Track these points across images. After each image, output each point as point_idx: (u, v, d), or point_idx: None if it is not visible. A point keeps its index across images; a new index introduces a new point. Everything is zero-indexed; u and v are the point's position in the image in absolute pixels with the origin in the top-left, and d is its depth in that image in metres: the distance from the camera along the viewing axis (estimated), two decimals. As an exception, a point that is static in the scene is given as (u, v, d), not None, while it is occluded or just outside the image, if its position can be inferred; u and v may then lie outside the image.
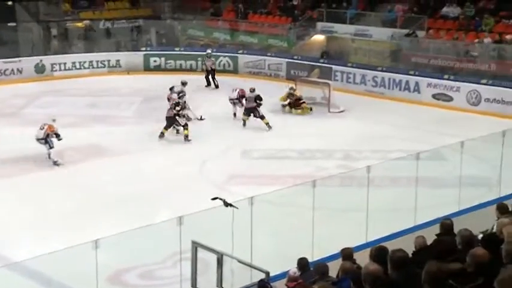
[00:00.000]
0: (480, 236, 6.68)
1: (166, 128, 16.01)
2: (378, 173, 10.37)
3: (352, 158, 14.48)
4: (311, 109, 18.62)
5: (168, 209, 10.57)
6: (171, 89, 17.38)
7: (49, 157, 14.08)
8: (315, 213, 8.93)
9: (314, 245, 8.62)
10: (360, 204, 9.65)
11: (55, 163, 14.01)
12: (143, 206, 11.45)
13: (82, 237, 9.43)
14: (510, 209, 7.61)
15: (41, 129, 14.15)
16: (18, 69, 22.32)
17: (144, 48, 25.29)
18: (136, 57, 24.16)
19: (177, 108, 16.08)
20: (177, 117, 15.99)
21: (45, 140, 14.08)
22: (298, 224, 9.64)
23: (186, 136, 15.87)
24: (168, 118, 16.05)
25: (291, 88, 18.84)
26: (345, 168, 13.36)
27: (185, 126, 16.01)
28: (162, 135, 15.97)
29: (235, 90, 17.98)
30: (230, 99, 17.92)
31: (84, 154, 14.74)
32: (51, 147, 14.10)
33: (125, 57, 24.20)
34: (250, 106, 17.02)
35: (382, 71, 21.05)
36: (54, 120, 14.45)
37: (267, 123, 16.78)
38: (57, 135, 14.21)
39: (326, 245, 8.49)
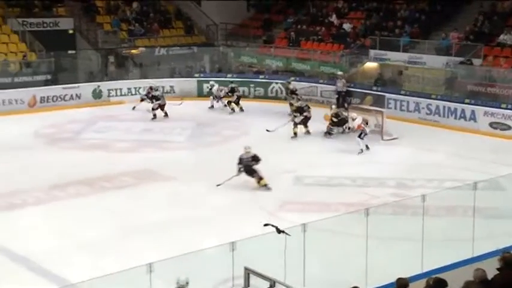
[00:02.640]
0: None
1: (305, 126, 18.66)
2: (433, 202, 10.15)
3: (406, 187, 14.25)
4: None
5: (216, 236, 10.57)
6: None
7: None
8: (368, 242, 8.79)
9: (368, 273, 8.47)
10: (414, 234, 9.46)
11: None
12: (194, 231, 11.50)
13: (135, 260, 9.58)
14: None
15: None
16: (76, 95, 22.98)
17: (197, 75, 25.70)
18: (189, 83, 24.52)
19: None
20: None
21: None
22: (352, 252, 9.50)
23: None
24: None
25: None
26: (398, 196, 13.14)
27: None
28: (307, 132, 18.67)
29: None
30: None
31: (137, 179, 14.96)
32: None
33: (179, 83, 24.61)
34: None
35: (436, 99, 20.76)
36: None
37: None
38: None
39: (380, 274, 8.33)
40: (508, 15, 22.64)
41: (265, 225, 8.33)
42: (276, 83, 24.50)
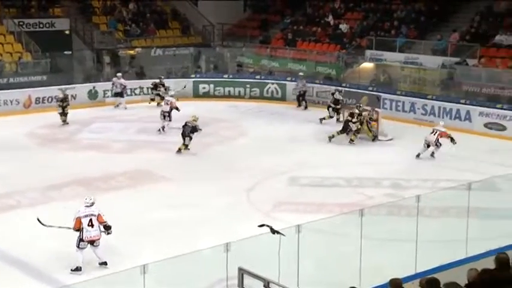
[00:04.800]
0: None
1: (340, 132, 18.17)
2: (427, 202, 10.17)
3: (401, 187, 14.29)
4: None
5: (211, 237, 10.57)
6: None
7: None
8: (363, 242, 8.80)
9: (362, 274, 8.49)
10: (408, 234, 9.48)
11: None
12: (189, 232, 11.51)
13: (130, 261, 9.60)
14: None
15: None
16: (72, 96, 22.88)
17: (193, 75, 25.71)
18: (185, 84, 24.50)
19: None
20: (350, 123, 17.92)
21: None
22: (346, 253, 9.52)
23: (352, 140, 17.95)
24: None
25: (358, 106, 18.63)
26: (393, 197, 13.16)
27: (356, 132, 17.98)
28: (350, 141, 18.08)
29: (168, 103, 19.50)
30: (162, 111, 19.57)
31: (133, 179, 14.96)
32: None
33: (175, 84, 24.60)
34: None
35: (432, 99, 20.81)
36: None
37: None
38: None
39: (374, 274, 8.34)
40: (504, 16, 22.71)
41: (260, 225, 8.36)
42: (272, 83, 24.52)
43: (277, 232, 7.95)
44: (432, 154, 16.60)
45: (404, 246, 9.69)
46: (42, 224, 10.51)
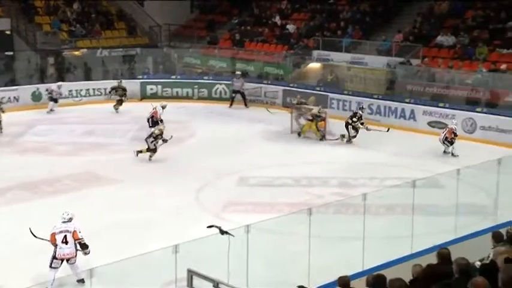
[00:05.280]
0: (477, 264, 6.70)
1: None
2: (374, 200, 10.36)
3: (348, 186, 14.49)
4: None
5: (161, 239, 10.49)
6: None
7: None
8: (311, 241, 8.89)
9: (311, 273, 8.57)
10: (356, 232, 9.62)
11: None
12: (138, 234, 11.40)
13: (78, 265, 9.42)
14: (505, 237, 7.63)
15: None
16: (14, 98, 22.35)
17: (141, 76, 25.44)
18: (133, 85, 24.25)
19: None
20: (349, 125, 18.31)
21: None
22: (295, 252, 9.60)
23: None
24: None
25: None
26: (341, 195, 13.34)
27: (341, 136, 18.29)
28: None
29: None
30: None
31: (79, 182, 14.70)
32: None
33: (122, 85, 24.28)
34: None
35: (378, 98, 21.18)
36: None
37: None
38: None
39: (323, 273, 8.44)
40: (444, 17, 23.31)
41: (209, 226, 8.35)
42: (220, 84, 24.50)
43: (226, 233, 7.97)
44: (444, 151, 16.89)
45: (352, 244, 9.83)
46: (34, 236, 9.92)
